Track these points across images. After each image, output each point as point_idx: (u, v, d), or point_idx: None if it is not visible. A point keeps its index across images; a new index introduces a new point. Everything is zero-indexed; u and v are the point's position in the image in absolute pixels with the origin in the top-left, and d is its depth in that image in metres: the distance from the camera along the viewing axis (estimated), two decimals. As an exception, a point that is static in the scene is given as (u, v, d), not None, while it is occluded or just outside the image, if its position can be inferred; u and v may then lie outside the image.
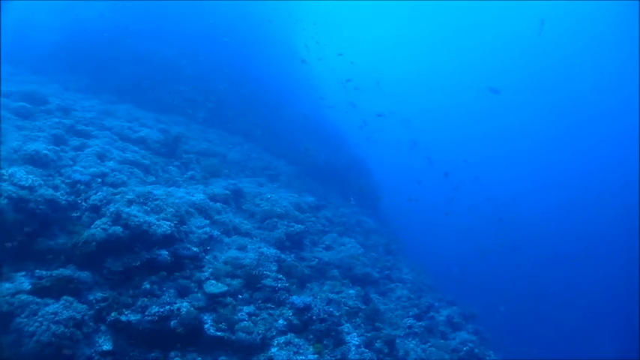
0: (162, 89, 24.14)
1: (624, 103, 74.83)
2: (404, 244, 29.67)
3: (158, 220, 10.41)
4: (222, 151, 20.80)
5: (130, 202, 10.86)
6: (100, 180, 11.68)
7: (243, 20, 31.61)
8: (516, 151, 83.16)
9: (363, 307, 12.62)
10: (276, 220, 14.78)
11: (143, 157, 15.33)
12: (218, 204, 13.85)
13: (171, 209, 11.16)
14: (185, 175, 16.34)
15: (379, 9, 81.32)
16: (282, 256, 12.30)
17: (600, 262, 51.15)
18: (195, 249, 10.53)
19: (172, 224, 10.50)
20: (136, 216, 9.94)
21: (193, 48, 27.81)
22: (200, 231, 11.43)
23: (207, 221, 12.07)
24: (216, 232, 11.89)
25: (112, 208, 9.93)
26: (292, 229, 14.53)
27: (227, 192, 15.12)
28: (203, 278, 10.16)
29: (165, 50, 26.57)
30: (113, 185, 11.84)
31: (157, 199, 11.32)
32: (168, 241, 10.19)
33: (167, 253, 9.94)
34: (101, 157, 13.79)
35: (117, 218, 9.77)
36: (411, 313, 14.29)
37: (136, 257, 9.47)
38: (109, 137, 15.79)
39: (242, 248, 12.05)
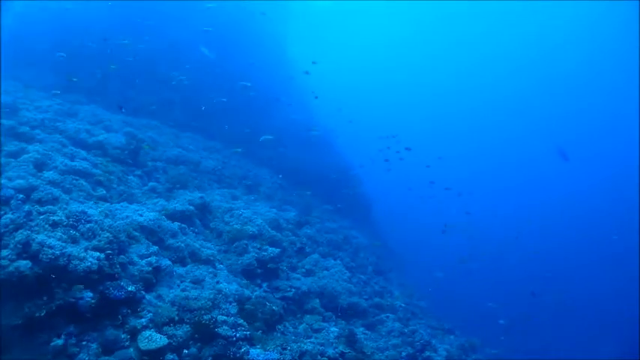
0: (135, 89, 21.71)
1: (624, 105, 73.48)
2: (395, 258, 27.45)
3: (85, 251, 8.02)
4: (196, 159, 18.39)
5: (54, 226, 8.47)
6: (22, 196, 9.23)
7: (229, 16, 29.12)
8: (514, 158, 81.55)
9: (347, 351, 10.24)
10: (246, 242, 12.40)
11: (95, 166, 12.92)
12: (176, 224, 11.44)
13: (107, 234, 8.75)
14: (145, 187, 13.94)
15: (376, 10, 79.25)
16: (247, 292, 9.89)
17: (600, 264, 50.10)
18: (131, 287, 8.12)
19: (103, 255, 8.10)
20: (51, 247, 7.54)
21: (171, 44, 25.33)
22: (143, 262, 9.02)
23: (156, 247, 9.65)
24: (165, 262, 9.47)
25: (19, 235, 7.51)
26: (265, 253, 12.15)
27: (191, 207, 12.72)
28: (139, 327, 7.76)
29: (140, 46, 24.03)
30: (40, 202, 9.41)
31: (90, 221, 8.92)
32: (95, 278, 7.78)
33: (92, 295, 7.54)
34: (40, 165, 11.37)
35: (25, 250, 7.37)
36: (404, 354, 11.93)
37: (45, 303, 7.06)
38: (58, 142, 13.36)
39: (197, 282, 9.65)
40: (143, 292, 8.47)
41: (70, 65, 21.90)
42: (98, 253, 8.07)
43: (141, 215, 10.43)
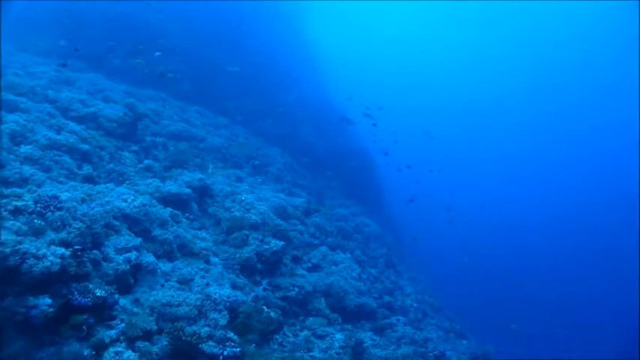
0: (142, 58, 20.09)
1: (623, 103, 72.26)
2: (404, 246, 26.05)
3: (49, 246, 6.60)
4: (201, 135, 16.89)
5: (16, 213, 7.08)
6: (-17, 175, 7.84)
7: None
8: (515, 154, 79.70)
9: (352, 366, 8.85)
10: (247, 232, 10.93)
11: (84, 140, 11.47)
12: (168, 210, 10.00)
13: (80, 224, 7.34)
14: (140, 165, 12.49)
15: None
16: (241, 296, 8.44)
17: (601, 264, 49.03)
18: (100, 292, 6.70)
19: (69, 252, 6.68)
20: (1, 242, 6.12)
21: (182, 12, 23.53)
22: (121, 258, 7.59)
23: (139, 240, 8.21)
24: (147, 258, 8.04)
25: (-36, 227, 6.11)
26: (267, 246, 10.69)
27: (187, 190, 11.24)
28: (107, 340, 6.37)
29: (149, 13, 22.32)
30: (6, 183, 8.01)
31: (61, 208, 7.50)
32: (56, 281, 6.38)
33: (50, 301, 6.15)
34: (17, 138, 9.96)
35: (-32, 245, 5.97)
36: (415, 367, 10.51)
37: (-13, 312, 5.68)
38: (45, 112, 11.91)
39: (185, 282, 8.23)
40: (116, 296, 7.05)
41: (73, 31, 20.48)
42: (63, 250, 6.63)
43: (125, 200, 8.97)
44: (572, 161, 77.51)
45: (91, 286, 6.71)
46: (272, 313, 8.50)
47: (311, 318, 10.53)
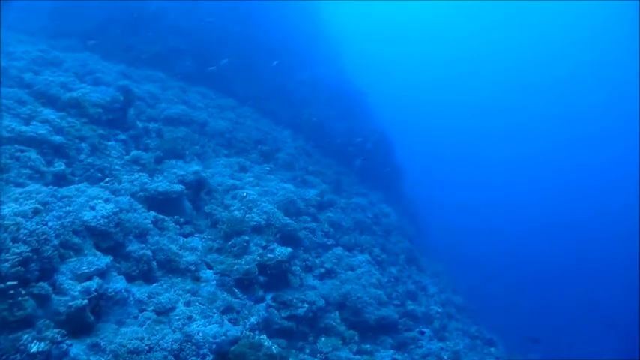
0: (139, 36, 18.13)
1: (624, 104, 70.30)
2: (424, 233, 24.08)
3: (-31, 283, 4.80)
4: (203, 118, 14.91)
5: (-63, 235, 5.28)
6: None
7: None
8: (515, 156, 76.89)
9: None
10: (247, 238, 9.05)
11: (60, 131, 9.65)
12: (151, 214, 8.16)
13: (22, 248, 5.53)
14: (127, 157, 10.62)
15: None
16: (233, 329, 6.60)
17: (600, 263, 48.00)
18: (39, 345, 4.92)
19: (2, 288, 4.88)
20: None
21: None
22: (78, 289, 5.77)
23: (107, 260, 6.39)
24: (116, 285, 6.22)
25: None
26: (272, 255, 8.82)
27: (178, 188, 9.36)
28: (47, 410, 4.62)
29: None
30: (-61, 191, 6.22)
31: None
32: (-26, 333, 4.61)
33: (-38, 364, 4.38)
34: (-28, 131, 8.16)
35: None
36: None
37: None
38: (15, 98, 10.06)
39: (164, 313, 6.41)
40: (66, 344, 5.26)
41: (63, 8, 18.56)
42: (-11, 288, 4.84)
43: (93, 208, 7.11)
44: (573, 163, 75.27)
45: (25, 337, 4.92)
46: (273, 348, 6.66)
47: (323, 338, 8.75)
